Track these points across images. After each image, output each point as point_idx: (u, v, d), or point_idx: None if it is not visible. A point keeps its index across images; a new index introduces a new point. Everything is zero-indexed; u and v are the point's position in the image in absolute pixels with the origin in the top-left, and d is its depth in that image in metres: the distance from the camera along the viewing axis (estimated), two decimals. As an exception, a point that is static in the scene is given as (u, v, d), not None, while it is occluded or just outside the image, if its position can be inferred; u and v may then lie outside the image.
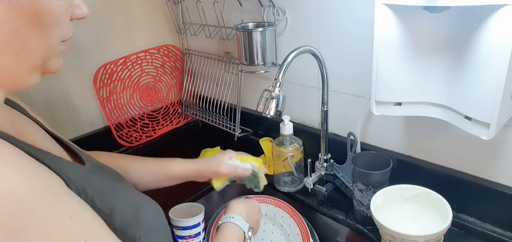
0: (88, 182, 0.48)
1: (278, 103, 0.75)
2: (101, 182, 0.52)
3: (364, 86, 0.88)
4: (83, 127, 1.17)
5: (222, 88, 1.16)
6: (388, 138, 0.90)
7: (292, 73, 1.02)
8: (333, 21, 0.89)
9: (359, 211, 0.83)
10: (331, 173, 0.96)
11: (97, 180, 0.52)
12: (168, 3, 1.25)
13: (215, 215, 0.91)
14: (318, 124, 1.03)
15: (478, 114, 0.61)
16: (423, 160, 0.85)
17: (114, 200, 0.50)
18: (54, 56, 0.45)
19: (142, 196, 0.60)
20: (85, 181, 0.47)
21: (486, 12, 0.55)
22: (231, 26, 1.07)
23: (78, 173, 0.48)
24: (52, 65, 0.45)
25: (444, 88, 0.68)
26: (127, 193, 0.57)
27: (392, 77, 0.70)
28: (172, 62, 1.33)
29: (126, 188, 0.60)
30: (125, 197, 0.54)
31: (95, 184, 0.49)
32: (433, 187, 0.74)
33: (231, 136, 1.14)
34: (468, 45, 0.61)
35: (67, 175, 0.44)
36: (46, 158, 0.43)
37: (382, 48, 0.68)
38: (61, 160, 0.48)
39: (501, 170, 0.74)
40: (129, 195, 0.57)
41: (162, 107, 1.32)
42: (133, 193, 0.59)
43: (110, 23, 1.17)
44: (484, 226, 0.77)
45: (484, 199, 0.77)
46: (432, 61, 0.67)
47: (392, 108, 0.73)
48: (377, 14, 0.65)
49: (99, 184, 0.51)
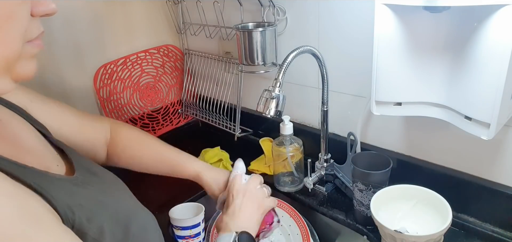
0: (74, 199, 0.46)
1: (278, 103, 0.75)
2: (88, 198, 0.50)
3: (364, 86, 0.88)
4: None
5: (222, 88, 1.16)
6: (388, 138, 0.90)
7: (292, 73, 1.02)
8: (333, 21, 0.89)
9: (359, 211, 0.83)
10: (331, 173, 0.96)
11: (84, 195, 0.50)
12: (168, 3, 1.25)
13: (215, 215, 0.91)
14: (318, 124, 1.03)
15: (478, 114, 0.61)
16: (423, 160, 0.85)
17: (102, 218, 0.48)
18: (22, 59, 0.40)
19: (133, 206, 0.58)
20: (70, 199, 0.45)
21: (486, 12, 0.55)
22: (231, 26, 1.07)
23: (63, 189, 0.47)
24: (21, 69, 0.41)
25: (444, 88, 0.68)
26: (116, 206, 0.54)
27: (392, 77, 0.70)
28: (172, 62, 1.33)
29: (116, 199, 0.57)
30: (114, 212, 0.52)
31: (81, 201, 0.47)
32: (433, 187, 0.74)
33: (231, 135, 1.14)
34: (468, 45, 0.61)
35: (51, 194, 0.43)
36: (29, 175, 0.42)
37: (382, 48, 0.68)
38: (46, 175, 0.47)
39: (501, 170, 0.74)
40: (118, 208, 0.54)
41: (162, 107, 1.32)
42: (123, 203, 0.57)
43: (110, 23, 1.17)
44: (484, 226, 0.77)
45: (484, 199, 0.77)
46: (432, 61, 0.67)
47: (392, 108, 0.73)
48: (377, 14, 0.65)
49: (86, 200, 0.49)
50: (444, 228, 0.66)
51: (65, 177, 0.51)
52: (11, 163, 0.42)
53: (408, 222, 0.75)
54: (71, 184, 0.50)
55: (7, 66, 0.39)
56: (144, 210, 0.60)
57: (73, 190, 0.49)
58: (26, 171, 0.43)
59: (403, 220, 0.75)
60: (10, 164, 0.42)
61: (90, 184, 0.53)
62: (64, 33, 1.08)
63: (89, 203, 0.49)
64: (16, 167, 0.42)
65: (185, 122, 1.38)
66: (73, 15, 1.08)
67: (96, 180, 0.57)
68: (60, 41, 1.08)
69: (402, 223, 0.75)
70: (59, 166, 0.54)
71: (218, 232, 0.67)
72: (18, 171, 0.42)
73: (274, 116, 0.76)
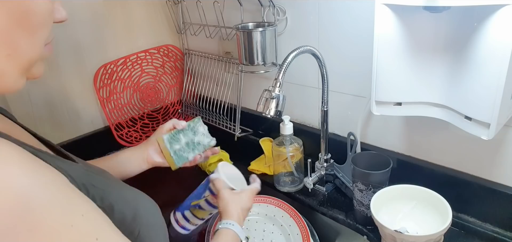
0: (87, 179, 0.48)
1: (278, 103, 0.75)
2: (97, 180, 0.52)
3: (364, 86, 0.88)
4: (83, 127, 1.17)
5: (222, 88, 1.16)
6: (388, 138, 0.90)
7: (292, 73, 1.02)
8: (333, 21, 0.89)
9: (359, 211, 0.83)
10: (331, 173, 0.96)
11: (94, 177, 0.52)
12: (168, 3, 1.25)
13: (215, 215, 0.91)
14: (318, 124, 1.03)
15: (478, 114, 0.61)
16: (423, 160, 0.85)
17: (111, 197, 0.51)
18: (39, 60, 0.45)
19: (137, 192, 0.60)
20: (84, 179, 0.48)
21: (486, 12, 0.55)
22: (231, 26, 1.07)
23: (77, 171, 0.49)
24: (36, 69, 0.45)
25: (444, 88, 0.68)
26: (121, 189, 0.57)
27: (392, 77, 0.70)
28: (172, 62, 1.33)
29: (119, 184, 0.60)
30: (121, 194, 0.55)
31: (93, 181, 0.50)
32: (433, 187, 0.74)
33: (231, 136, 1.14)
34: (468, 45, 0.61)
35: (68, 173, 0.44)
36: (47, 157, 0.43)
37: (382, 48, 0.68)
38: (59, 158, 0.49)
39: (501, 170, 0.74)
40: (124, 191, 0.57)
41: (162, 107, 1.32)
42: (127, 189, 0.59)
43: (110, 23, 1.17)
44: (484, 226, 0.77)
45: (484, 199, 0.77)
46: (432, 61, 0.67)
47: (392, 108, 0.73)
48: (377, 14, 0.65)
49: (96, 181, 0.51)
50: (444, 228, 0.66)
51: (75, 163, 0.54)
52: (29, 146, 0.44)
53: (408, 222, 0.75)
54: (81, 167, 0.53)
55: (30, 67, 0.43)
56: (148, 197, 0.61)
57: (84, 172, 0.51)
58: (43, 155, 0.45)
59: (403, 220, 0.75)
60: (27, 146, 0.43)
61: (95, 172, 0.56)
62: (64, 33, 1.08)
63: (99, 184, 0.51)
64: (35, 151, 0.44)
65: (185, 122, 1.38)
66: (73, 15, 1.08)
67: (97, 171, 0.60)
68: (60, 41, 1.08)
69: (402, 223, 0.75)
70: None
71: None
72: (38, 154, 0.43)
73: (274, 117, 0.75)
